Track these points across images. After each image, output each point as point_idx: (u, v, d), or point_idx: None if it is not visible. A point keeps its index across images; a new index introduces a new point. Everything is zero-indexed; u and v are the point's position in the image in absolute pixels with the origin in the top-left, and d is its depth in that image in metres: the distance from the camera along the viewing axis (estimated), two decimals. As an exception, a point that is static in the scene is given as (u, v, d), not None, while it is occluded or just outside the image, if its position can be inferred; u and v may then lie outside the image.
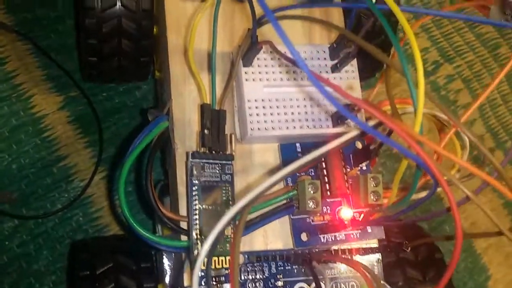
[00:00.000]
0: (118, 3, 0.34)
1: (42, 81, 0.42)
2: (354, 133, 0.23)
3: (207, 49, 0.33)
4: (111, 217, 0.41)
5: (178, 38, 0.32)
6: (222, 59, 0.33)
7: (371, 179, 0.31)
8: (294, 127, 0.31)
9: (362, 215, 0.30)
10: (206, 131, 0.29)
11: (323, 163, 0.32)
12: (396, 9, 0.23)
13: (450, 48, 0.54)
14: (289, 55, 0.30)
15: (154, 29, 0.37)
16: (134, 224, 0.27)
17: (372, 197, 0.31)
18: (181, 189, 0.30)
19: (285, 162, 0.32)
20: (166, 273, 0.32)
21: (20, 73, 0.41)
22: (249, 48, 0.30)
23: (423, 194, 0.30)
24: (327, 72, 0.33)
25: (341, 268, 0.32)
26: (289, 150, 0.32)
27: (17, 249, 0.38)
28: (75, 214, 0.40)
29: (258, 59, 0.31)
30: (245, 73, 0.31)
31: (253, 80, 0.31)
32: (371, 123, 0.25)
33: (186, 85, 0.32)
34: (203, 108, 0.29)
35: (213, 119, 0.29)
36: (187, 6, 0.33)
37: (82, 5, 0.34)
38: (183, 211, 0.30)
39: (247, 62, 0.31)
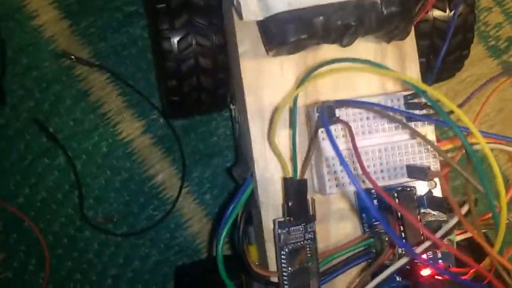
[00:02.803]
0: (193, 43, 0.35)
1: (124, 108, 0.45)
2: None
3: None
4: (199, 225, 0.46)
5: (256, 100, 0.34)
6: (298, 113, 0.34)
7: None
8: (370, 180, 0.33)
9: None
10: (290, 203, 0.32)
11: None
12: (477, 134, 0.24)
13: (525, 21, 0.51)
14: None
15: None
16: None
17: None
18: (269, 245, 0.34)
19: (361, 208, 0.35)
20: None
21: (104, 102, 0.44)
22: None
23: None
24: (401, 121, 0.34)
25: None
26: (365, 197, 0.35)
27: (122, 262, 0.45)
28: (168, 226, 0.45)
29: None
30: (321, 132, 0.33)
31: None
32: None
33: (267, 145, 0.34)
34: (286, 182, 0.32)
35: (295, 190, 0.32)
36: (263, 65, 0.34)
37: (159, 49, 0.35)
38: (272, 263, 0.34)
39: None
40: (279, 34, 0.30)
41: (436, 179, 0.33)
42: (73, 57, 0.43)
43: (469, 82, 0.49)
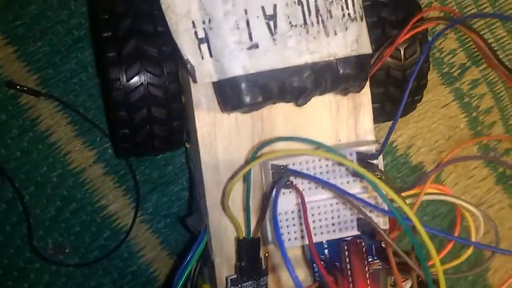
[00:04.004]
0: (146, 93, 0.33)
1: (74, 137, 0.43)
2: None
3: (238, 158, 0.34)
4: (153, 253, 0.46)
5: (210, 151, 0.33)
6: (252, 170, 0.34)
7: (391, 279, 0.34)
8: (322, 233, 0.34)
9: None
10: (242, 262, 0.32)
11: (347, 261, 0.35)
12: (421, 230, 0.24)
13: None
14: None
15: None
16: None
17: (390, 297, 0.35)
18: (221, 297, 0.34)
19: (311, 258, 0.36)
20: None
21: (53, 131, 0.43)
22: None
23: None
24: (353, 175, 0.34)
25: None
26: (316, 248, 0.35)
27: (75, 294, 0.44)
28: (122, 255, 0.45)
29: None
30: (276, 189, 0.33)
31: (283, 194, 0.33)
32: None
33: (220, 196, 0.34)
34: (239, 243, 0.32)
35: (248, 249, 0.32)
36: (217, 117, 0.33)
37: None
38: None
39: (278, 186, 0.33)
40: (234, 98, 0.30)
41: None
42: (18, 86, 0.40)
43: (421, 109, 0.50)
